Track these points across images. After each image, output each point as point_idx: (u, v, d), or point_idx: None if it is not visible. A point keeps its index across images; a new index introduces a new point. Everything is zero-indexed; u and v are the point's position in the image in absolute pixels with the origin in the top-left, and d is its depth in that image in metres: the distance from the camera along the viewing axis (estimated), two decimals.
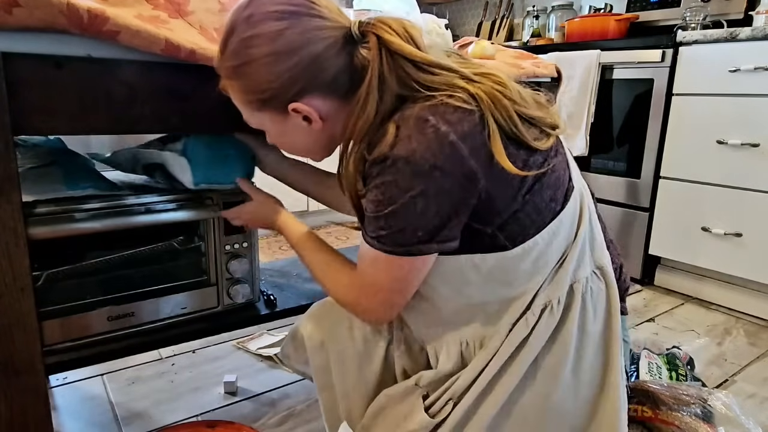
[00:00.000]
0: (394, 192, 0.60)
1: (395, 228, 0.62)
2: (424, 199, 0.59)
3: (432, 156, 0.58)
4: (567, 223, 0.68)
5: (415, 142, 0.59)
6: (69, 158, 1.06)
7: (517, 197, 0.64)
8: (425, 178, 0.59)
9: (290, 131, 0.71)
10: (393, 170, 0.60)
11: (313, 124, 0.69)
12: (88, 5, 0.64)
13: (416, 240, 0.62)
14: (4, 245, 0.68)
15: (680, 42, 1.88)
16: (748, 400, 1.34)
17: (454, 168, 0.59)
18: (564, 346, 0.69)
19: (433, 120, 0.59)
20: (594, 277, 0.72)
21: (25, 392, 0.75)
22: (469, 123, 0.60)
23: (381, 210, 0.62)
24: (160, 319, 1.02)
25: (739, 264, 1.82)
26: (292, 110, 0.67)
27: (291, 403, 1.27)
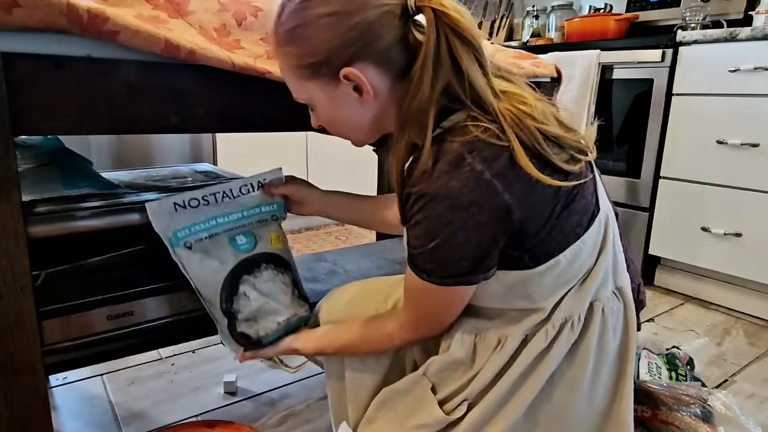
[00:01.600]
0: (436, 226, 0.63)
1: (441, 261, 0.65)
2: (464, 232, 0.62)
3: (469, 192, 0.60)
4: (589, 245, 0.70)
5: (453, 180, 0.61)
6: (67, 158, 1.06)
7: (546, 225, 0.66)
8: (464, 212, 0.61)
9: (339, 102, 0.70)
10: (433, 205, 0.62)
11: (364, 95, 0.67)
12: (87, 5, 0.64)
13: (462, 271, 0.65)
14: (4, 245, 0.68)
15: (680, 42, 1.88)
16: (748, 400, 1.34)
17: (490, 203, 0.61)
18: (583, 361, 0.71)
19: (469, 158, 0.61)
20: (614, 297, 0.74)
21: (25, 392, 0.75)
22: (504, 160, 0.62)
23: (425, 245, 0.64)
24: (160, 318, 1.02)
25: (739, 264, 1.82)
26: (344, 77, 0.66)
27: (291, 403, 1.27)
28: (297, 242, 2.64)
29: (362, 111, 0.70)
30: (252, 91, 0.83)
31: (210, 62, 0.75)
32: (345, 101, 0.69)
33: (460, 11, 0.64)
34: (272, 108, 0.87)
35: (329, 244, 2.62)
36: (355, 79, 0.66)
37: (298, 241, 2.67)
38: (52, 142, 1.10)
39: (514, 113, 0.64)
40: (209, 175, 1.15)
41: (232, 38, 0.82)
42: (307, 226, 2.90)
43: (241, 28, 0.83)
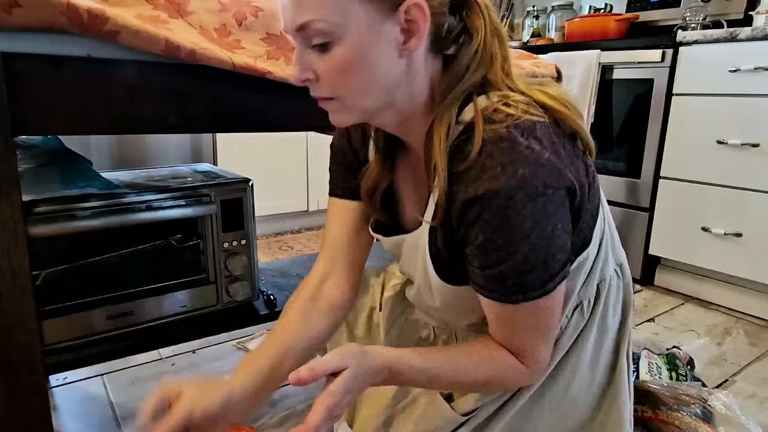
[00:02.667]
0: (520, 223, 0.54)
1: (539, 263, 0.56)
2: (550, 220, 0.55)
3: (540, 175, 0.54)
4: (599, 225, 0.68)
5: (518, 167, 0.54)
6: (66, 158, 1.06)
7: (586, 207, 0.62)
8: (543, 199, 0.55)
9: (374, 45, 0.56)
10: (510, 203, 0.54)
11: (412, 42, 0.57)
12: (88, 5, 0.64)
13: (559, 266, 0.58)
14: (4, 245, 0.68)
15: (680, 42, 1.88)
16: (748, 400, 1.34)
17: (560, 182, 0.56)
18: (586, 344, 0.71)
19: (523, 140, 0.55)
20: (615, 275, 0.74)
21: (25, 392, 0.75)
22: (551, 133, 0.58)
23: (515, 252, 0.55)
24: (160, 318, 1.02)
25: (739, 264, 1.82)
26: (406, 11, 0.55)
27: (291, 403, 1.27)
28: (297, 242, 2.64)
29: (392, 65, 0.58)
30: (252, 91, 0.83)
31: (210, 62, 0.75)
32: (383, 45, 0.56)
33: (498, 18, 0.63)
34: (272, 108, 0.87)
35: None
36: (418, 17, 0.55)
37: (298, 241, 2.67)
38: (51, 142, 1.10)
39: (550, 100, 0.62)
40: (209, 174, 1.15)
41: (233, 38, 0.82)
42: (307, 227, 2.91)
43: (241, 28, 0.83)
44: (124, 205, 0.94)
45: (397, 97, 0.61)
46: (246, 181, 1.09)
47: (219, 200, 1.02)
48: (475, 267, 0.59)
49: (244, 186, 1.07)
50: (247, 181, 1.09)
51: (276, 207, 2.61)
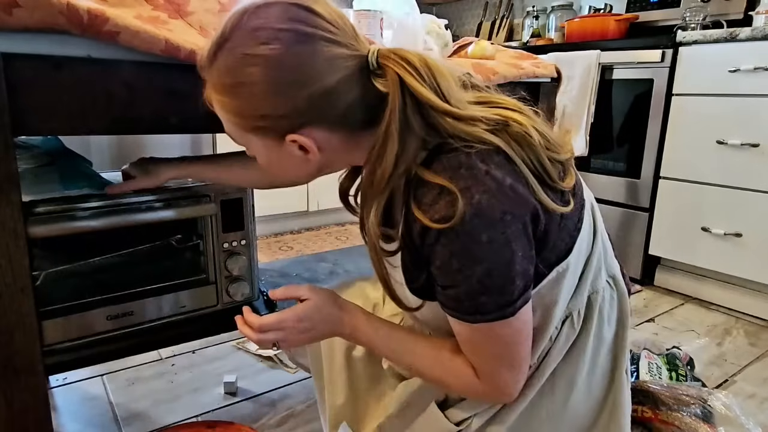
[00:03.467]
0: (476, 249, 0.55)
1: (494, 288, 0.57)
2: (508, 247, 0.56)
3: (498, 203, 0.55)
4: (585, 238, 0.68)
5: (477, 193, 0.54)
6: (66, 159, 1.06)
7: (558, 226, 0.62)
8: (501, 226, 0.55)
9: (281, 158, 0.63)
10: (467, 230, 0.54)
11: (310, 155, 0.61)
12: (87, 6, 0.64)
13: (518, 292, 0.58)
14: (4, 245, 0.68)
15: (680, 42, 1.88)
16: (748, 400, 1.34)
17: (521, 209, 0.56)
18: (581, 355, 0.70)
19: (484, 167, 0.56)
20: (608, 286, 0.73)
21: (25, 392, 0.75)
22: (513, 166, 0.58)
23: (469, 277, 0.56)
24: (160, 318, 1.02)
25: (739, 264, 1.82)
26: (290, 141, 0.60)
27: (291, 404, 1.27)
28: (297, 242, 2.64)
29: (307, 164, 0.63)
30: None
31: None
32: (289, 157, 0.62)
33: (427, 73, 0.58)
34: None
35: (329, 245, 2.62)
36: (302, 143, 0.60)
37: (298, 241, 2.67)
38: (51, 143, 1.10)
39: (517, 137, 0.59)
40: None
41: None
42: (307, 227, 2.91)
43: None
44: (125, 206, 0.94)
45: (331, 166, 0.67)
46: None
47: (219, 200, 1.02)
48: (438, 284, 0.61)
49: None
50: None
51: (276, 207, 2.61)
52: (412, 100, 0.58)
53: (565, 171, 0.64)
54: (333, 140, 0.62)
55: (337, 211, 2.96)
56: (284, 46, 0.54)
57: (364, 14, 1.03)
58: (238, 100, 0.58)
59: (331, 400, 0.90)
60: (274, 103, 0.57)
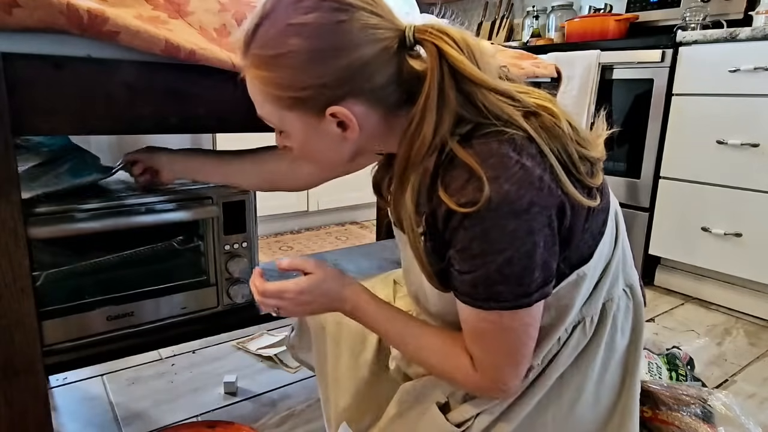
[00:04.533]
0: (498, 238, 0.55)
1: (512, 278, 0.56)
2: (530, 238, 0.55)
3: (526, 193, 0.55)
4: (607, 244, 0.67)
5: (505, 182, 0.54)
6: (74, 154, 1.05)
7: (583, 226, 0.61)
8: (526, 216, 0.55)
9: (318, 137, 0.63)
10: (492, 216, 0.54)
11: (348, 132, 0.61)
12: (87, 6, 0.64)
13: (536, 285, 0.58)
14: (4, 245, 0.68)
15: (680, 42, 1.88)
16: (748, 400, 1.34)
17: (548, 201, 0.56)
18: (591, 362, 0.69)
19: (515, 156, 0.55)
20: (624, 295, 0.72)
21: (25, 392, 0.75)
22: (544, 157, 0.57)
23: (490, 262, 0.56)
24: (160, 319, 1.02)
25: (739, 264, 1.82)
26: (330, 114, 0.60)
27: (291, 404, 1.27)
28: (297, 242, 2.64)
29: (343, 146, 0.64)
30: None
31: (210, 62, 0.75)
32: (326, 136, 0.62)
33: (466, 46, 0.58)
34: None
35: (329, 244, 2.62)
36: (343, 117, 0.60)
37: (298, 241, 2.67)
38: (58, 140, 1.10)
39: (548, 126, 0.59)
40: None
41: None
42: (307, 227, 2.91)
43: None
44: (126, 207, 0.94)
45: (363, 151, 0.66)
46: None
47: (221, 202, 1.02)
48: (454, 269, 0.60)
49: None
50: None
51: (276, 207, 2.61)
52: (450, 72, 0.57)
53: (593, 170, 0.64)
54: (370, 118, 0.61)
55: (337, 211, 2.96)
56: (326, 15, 0.55)
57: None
58: (280, 72, 0.58)
59: (335, 399, 0.89)
60: (315, 72, 0.57)
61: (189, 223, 1.04)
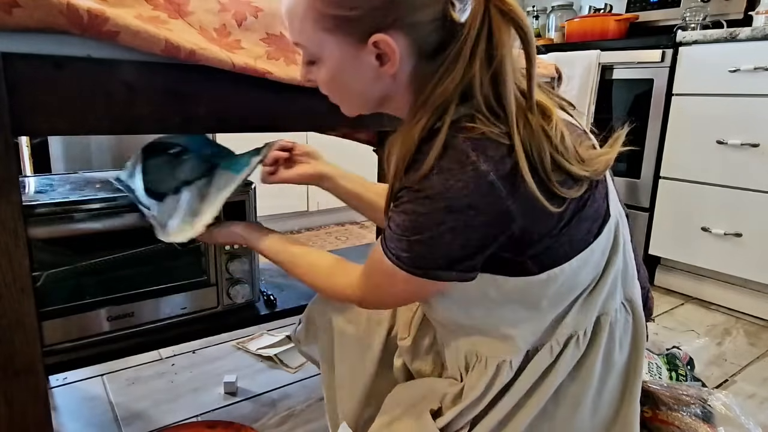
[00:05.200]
0: (424, 222, 0.57)
1: (418, 253, 0.59)
2: (452, 234, 0.57)
3: (469, 194, 0.55)
4: (598, 253, 0.65)
5: (452, 178, 0.55)
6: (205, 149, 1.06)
7: (553, 231, 0.60)
8: (458, 215, 0.56)
9: (352, 68, 0.61)
10: (427, 202, 0.56)
11: (386, 67, 0.59)
12: (87, 6, 0.64)
13: (436, 266, 0.60)
14: (4, 245, 0.68)
15: (680, 42, 1.88)
16: (748, 400, 1.34)
17: (489, 208, 0.56)
18: (588, 377, 0.68)
19: (473, 156, 0.55)
20: (622, 308, 0.70)
21: (25, 392, 0.75)
22: (510, 161, 0.56)
23: (406, 235, 0.59)
24: (160, 320, 1.02)
25: (739, 264, 1.82)
26: (373, 43, 0.57)
27: (291, 404, 1.27)
28: None
29: (375, 83, 0.62)
30: (252, 91, 0.83)
31: (210, 62, 0.75)
32: (361, 68, 0.61)
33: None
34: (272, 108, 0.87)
35: (329, 244, 2.62)
36: (386, 48, 0.58)
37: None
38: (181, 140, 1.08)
39: (533, 126, 0.58)
40: None
41: (232, 38, 0.82)
42: (307, 227, 2.91)
43: (241, 29, 0.83)
44: (126, 208, 0.94)
45: (387, 101, 0.66)
46: (248, 183, 1.09)
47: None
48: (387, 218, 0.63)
49: (246, 189, 1.07)
50: (249, 183, 1.09)
51: (276, 207, 2.61)
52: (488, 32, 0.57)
53: (571, 183, 0.61)
54: (405, 62, 0.60)
55: (337, 211, 2.96)
56: None
57: None
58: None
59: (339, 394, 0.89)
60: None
61: None
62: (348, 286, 0.74)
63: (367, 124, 1.04)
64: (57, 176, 1.10)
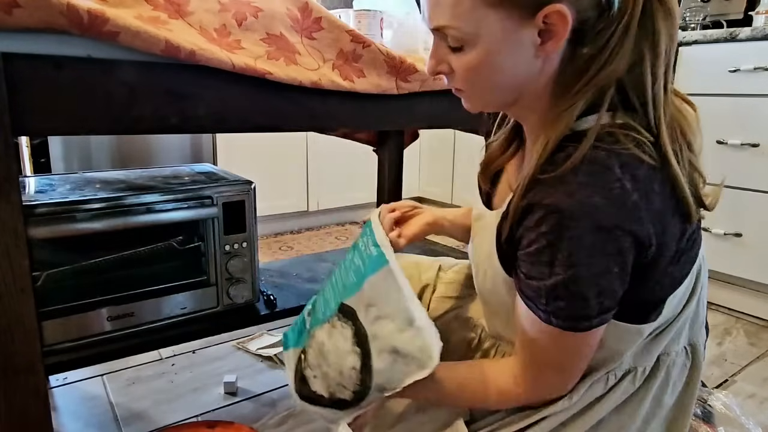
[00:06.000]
0: (573, 251, 0.51)
1: (576, 297, 0.53)
2: (606, 260, 0.51)
3: (615, 213, 0.51)
4: (679, 296, 0.62)
5: (597, 196, 0.50)
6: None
7: (666, 269, 0.57)
8: (607, 236, 0.51)
9: (508, 49, 0.55)
10: (570, 224, 0.50)
11: (548, 45, 0.54)
12: (88, 6, 0.64)
13: (598, 310, 0.54)
14: (4, 245, 0.68)
15: (680, 42, 1.88)
16: (748, 400, 1.34)
17: (633, 228, 0.51)
18: (634, 414, 0.66)
19: (619, 173, 0.51)
20: (683, 352, 0.68)
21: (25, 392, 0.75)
22: (654, 184, 0.53)
23: (557, 275, 0.52)
24: (160, 320, 1.02)
25: (739, 264, 1.82)
26: (544, 17, 0.52)
27: (291, 404, 1.27)
28: (297, 242, 2.64)
29: (526, 66, 0.56)
30: (252, 91, 0.83)
31: (210, 63, 0.75)
32: (518, 48, 0.54)
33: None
34: (272, 108, 0.87)
35: (329, 244, 2.62)
36: (557, 20, 0.52)
37: (298, 241, 2.67)
38: None
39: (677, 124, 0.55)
40: (211, 176, 1.15)
41: (233, 39, 0.82)
42: (307, 227, 2.91)
43: (241, 29, 0.83)
44: (126, 207, 0.94)
45: (526, 92, 0.59)
46: (248, 183, 1.09)
47: (221, 203, 1.02)
48: (520, 271, 0.57)
49: (246, 188, 1.07)
50: (249, 183, 1.09)
51: (276, 207, 2.61)
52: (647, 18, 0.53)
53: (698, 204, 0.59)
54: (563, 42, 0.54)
55: (337, 211, 2.96)
56: None
57: (364, 14, 1.03)
58: None
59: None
60: None
61: (189, 223, 1.04)
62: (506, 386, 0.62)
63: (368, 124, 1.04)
64: (57, 176, 1.10)
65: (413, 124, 1.12)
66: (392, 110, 1.01)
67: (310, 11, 0.90)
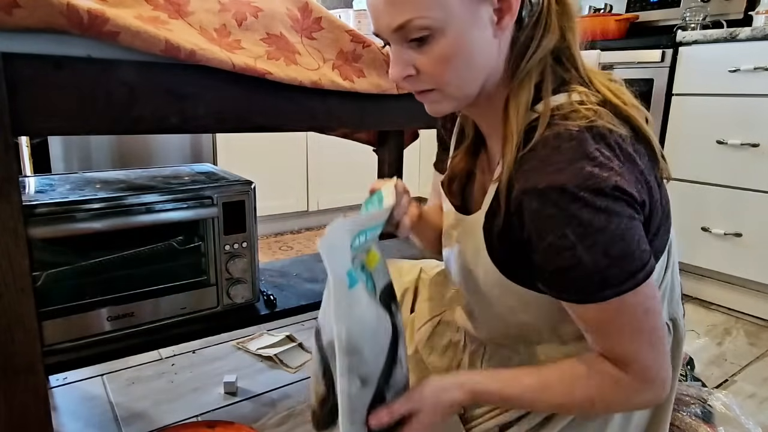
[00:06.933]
0: (590, 217, 0.50)
1: (621, 256, 0.52)
2: (623, 214, 0.52)
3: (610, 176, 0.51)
4: (658, 269, 0.63)
5: (587, 165, 0.51)
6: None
7: (653, 241, 0.58)
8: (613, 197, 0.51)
9: (472, 31, 0.56)
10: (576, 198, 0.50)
11: (503, 21, 0.56)
12: (88, 6, 0.64)
13: (645, 257, 0.53)
14: (4, 245, 0.68)
15: (680, 42, 1.88)
16: (748, 400, 1.34)
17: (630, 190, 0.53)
18: None
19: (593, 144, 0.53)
20: (665, 328, 0.67)
21: (25, 392, 0.75)
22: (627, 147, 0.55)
23: (591, 246, 0.51)
24: (160, 319, 1.02)
25: (739, 264, 1.82)
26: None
27: (291, 403, 1.27)
28: (297, 242, 2.64)
29: (488, 48, 0.58)
30: (252, 91, 0.83)
31: (210, 62, 0.75)
32: (481, 28, 0.56)
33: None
34: (272, 108, 0.87)
35: None
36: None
37: (298, 241, 2.67)
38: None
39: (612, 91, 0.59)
40: (210, 176, 1.15)
41: (232, 38, 0.82)
42: (307, 227, 2.91)
43: (241, 29, 0.83)
44: (126, 207, 0.94)
45: (487, 81, 0.60)
46: (248, 183, 1.09)
47: (221, 203, 1.02)
48: (551, 272, 0.55)
49: (246, 188, 1.07)
50: (249, 183, 1.09)
51: (276, 207, 2.61)
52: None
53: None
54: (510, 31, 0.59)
55: (337, 211, 2.96)
56: None
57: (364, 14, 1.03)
58: None
59: None
60: None
61: (189, 223, 1.04)
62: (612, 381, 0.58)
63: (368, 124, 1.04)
64: (57, 176, 1.10)
65: (413, 124, 1.12)
66: (392, 110, 1.01)
67: (310, 11, 0.90)
